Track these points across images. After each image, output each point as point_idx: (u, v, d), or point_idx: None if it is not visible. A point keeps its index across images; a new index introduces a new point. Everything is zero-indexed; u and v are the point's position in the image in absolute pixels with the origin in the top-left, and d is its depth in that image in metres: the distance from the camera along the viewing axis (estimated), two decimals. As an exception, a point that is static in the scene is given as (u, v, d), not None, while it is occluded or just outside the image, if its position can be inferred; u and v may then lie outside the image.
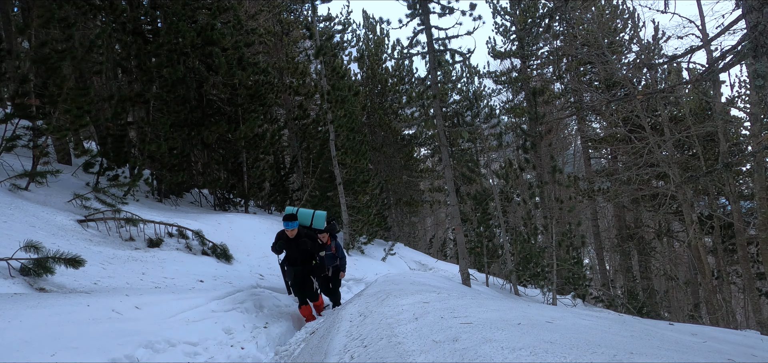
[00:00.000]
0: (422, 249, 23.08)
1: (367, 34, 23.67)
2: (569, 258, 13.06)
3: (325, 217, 6.38)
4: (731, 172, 12.11)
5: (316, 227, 6.29)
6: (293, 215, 5.69)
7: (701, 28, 11.32)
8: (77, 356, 2.89)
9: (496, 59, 20.98)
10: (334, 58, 16.29)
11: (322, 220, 6.34)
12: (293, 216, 5.68)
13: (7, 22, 8.21)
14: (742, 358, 2.18)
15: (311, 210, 6.41)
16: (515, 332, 2.02)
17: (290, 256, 5.83)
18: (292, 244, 5.76)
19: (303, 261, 5.83)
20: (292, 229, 5.65)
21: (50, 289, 4.30)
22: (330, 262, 6.76)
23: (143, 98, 9.56)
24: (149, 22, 10.78)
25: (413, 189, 24.71)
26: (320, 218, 6.34)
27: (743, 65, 10.13)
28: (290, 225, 5.65)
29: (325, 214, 6.40)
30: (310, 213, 6.34)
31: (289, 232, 5.67)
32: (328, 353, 2.53)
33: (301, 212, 6.23)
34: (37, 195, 6.82)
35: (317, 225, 6.30)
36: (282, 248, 5.81)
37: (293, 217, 5.67)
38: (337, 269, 6.86)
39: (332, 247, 6.74)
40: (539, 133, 14.28)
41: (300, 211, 6.24)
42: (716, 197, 14.63)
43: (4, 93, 7.87)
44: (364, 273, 10.77)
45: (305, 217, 6.29)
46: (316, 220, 6.32)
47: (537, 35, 19.37)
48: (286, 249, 5.80)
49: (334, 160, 13.83)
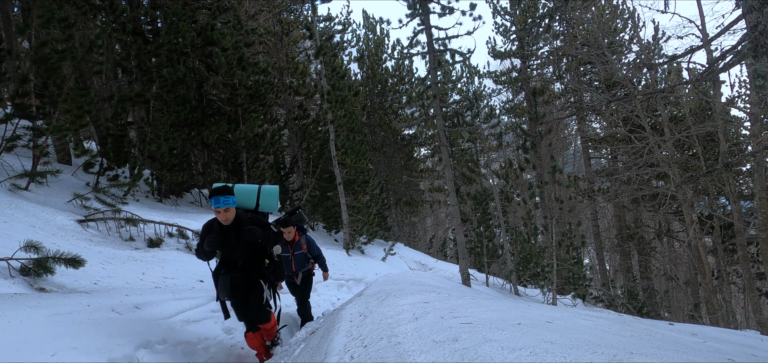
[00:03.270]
0: (422, 249, 23.09)
1: (367, 34, 23.68)
2: (569, 258, 13.06)
3: (278, 195, 4.24)
4: (731, 172, 12.10)
5: (265, 211, 4.24)
6: (226, 188, 3.67)
7: (701, 28, 11.32)
8: (77, 356, 2.88)
9: (496, 59, 20.99)
10: (334, 58, 16.30)
11: (273, 198, 4.18)
12: (226, 189, 3.67)
13: (7, 22, 8.21)
14: (742, 358, 2.18)
15: (255, 185, 4.21)
16: (515, 332, 2.02)
17: (227, 257, 3.87)
18: (229, 237, 3.74)
19: (248, 262, 3.88)
20: (226, 209, 3.64)
21: (50, 289, 4.30)
22: (301, 265, 5.34)
23: (143, 98, 9.57)
24: (149, 22, 10.78)
25: (413, 189, 24.71)
26: (270, 196, 4.17)
27: (743, 65, 10.13)
28: (223, 201, 3.61)
29: (278, 191, 4.25)
30: (253, 189, 4.15)
31: (222, 215, 3.65)
32: (329, 353, 2.53)
33: (240, 189, 4.11)
34: (37, 195, 6.82)
35: (267, 207, 4.19)
36: (214, 247, 3.73)
37: (226, 191, 3.65)
38: (309, 275, 5.46)
39: (302, 244, 5.31)
40: (539, 133, 14.29)
41: (238, 187, 4.09)
42: (716, 197, 14.62)
43: (4, 93, 7.87)
44: (364, 273, 10.77)
45: (246, 195, 4.11)
46: (265, 198, 4.16)
47: (537, 35, 19.37)
48: (220, 247, 3.76)
49: (334, 160, 13.83)
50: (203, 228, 3.88)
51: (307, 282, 5.44)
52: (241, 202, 4.03)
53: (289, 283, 5.46)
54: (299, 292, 5.40)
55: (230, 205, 3.66)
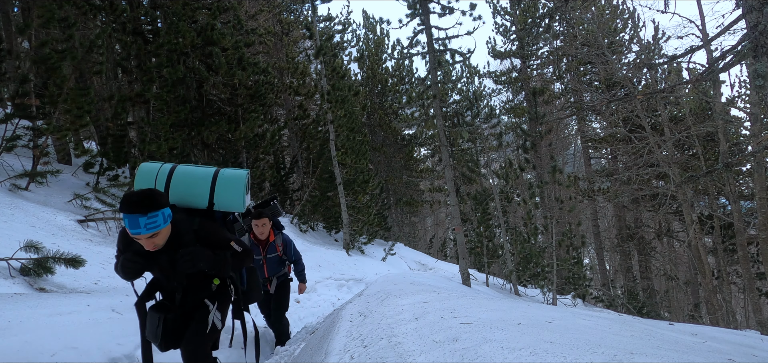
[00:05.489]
0: (422, 249, 23.08)
1: (367, 34, 23.69)
2: (569, 258, 13.06)
3: (245, 185, 2.68)
4: (731, 172, 12.11)
5: (225, 211, 2.73)
6: (150, 198, 2.23)
7: (701, 28, 11.32)
8: (77, 356, 2.89)
9: (496, 59, 21.01)
10: (334, 58, 16.31)
11: (237, 192, 2.64)
12: (150, 200, 2.22)
13: (7, 22, 8.21)
14: (742, 358, 2.18)
15: (208, 170, 2.69)
16: (515, 332, 2.02)
17: (158, 285, 2.67)
18: (160, 260, 2.45)
19: (187, 297, 2.61)
20: (154, 236, 2.26)
21: (50, 289, 4.30)
22: (275, 270, 4.36)
23: (143, 98, 9.57)
24: (149, 22, 10.79)
25: (413, 189, 24.72)
26: (231, 188, 2.64)
27: (743, 65, 10.13)
28: (147, 225, 2.20)
29: (245, 179, 2.68)
30: (203, 178, 2.64)
31: (146, 242, 2.27)
32: (329, 353, 2.53)
33: (180, 177, 2.62)
34: (37, 195, 6.82)
35: (227, 205, 2.66)
36: (137, 272, 2.42)
37: (150, 204, 2.21)
38: (286, 282, 4.48)
39: (277, 245, 4.30)
40: (539, 133, 14.28)
41: (178, 174, 2.62)
42: (716, 197, 14.62)
43: (4, 93, 7.88)
44: (364, 273, 10.77)
45: (191, 188, 2.61)
46: (224, 193, 2.63)
47: (537, 35, 19.39)
48: (150, 268, 2.51)
49: (334, 160, 13.83)
50: (120, 236, 2.48)
51: (284, 291, 4.48)
52: (181, 201, 2.59)
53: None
54: (273, 302, 4.45)
55: (160, 226, 2.23)
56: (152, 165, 2.71)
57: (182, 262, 2.36)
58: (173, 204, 2.56)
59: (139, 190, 2.29)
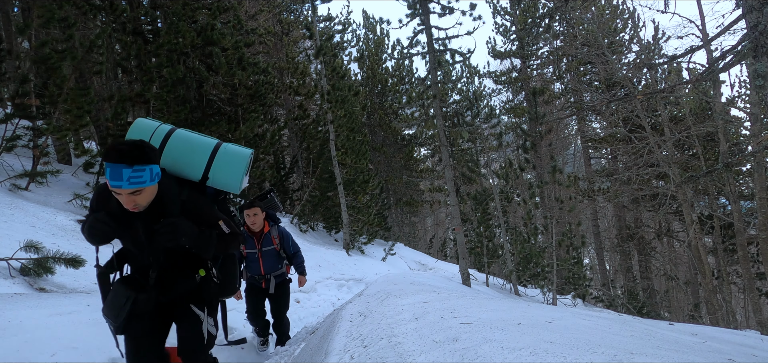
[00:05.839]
0: (422, 249, 23.08)
1: (367, 34, 23.70)
2: (569, 258, 13.06)
3: (246, 165, 2.42)
4: (731, 172, 12.11)
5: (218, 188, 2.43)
6: (140, 149, 1.93)
7: (701, 28, 11.32)
8: (77, 356, 2.89)
9: (496, 59, 21.01)
10: (334, 58, 16.31)
11: (236, 170, 2.39)
12: (138, 152, 1.93)
13: (7, 22, 8.21)
14: (742, 358, 2.18)
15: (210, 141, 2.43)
16: (515, 332, 2.02)
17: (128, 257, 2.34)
18: (136, 228, 2.15)
19: (166, 276, 2.28)
20: (134, 192, 1.94)
21: (50, 289, 4.30)
22: (272, 267, 4.10)
23: (143, 98, 9.57)
24: (149, 22, 10.79)
25: (413, 189, 24.72)
26: (232, 166, 2.38)
27: (743, 65, 10.12)
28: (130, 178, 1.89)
29: (247, 159, 2.43)
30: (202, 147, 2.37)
31: (126, 199, 1.95)
32: (329, 353, 2.53)
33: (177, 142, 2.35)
34: (37, 195, 6.82)
35: (223, 184, 2.40)
36: (104, 237, 2.11)
37: (137, 156, 1.92)
38: (284, 282, 4.27)
39: (273, 237, 4.06)
40: (539, 133, 14.29)
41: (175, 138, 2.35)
42: (716, 197, 14.63)
43: (4, 93, 7.88)
44: (364, 273, 10.77)
45: (187, 155, 2.34)
46: (222, 169, 2.37)
47: (537, 35, 19.39)
48: (121, 236, 2.21)
49: (334, 160, 13.83)
50: (95, 194, 2.19)
51: (283, 291, 4.24)
52: (173, 167, 2.29)
53: (255, 289, 4.22)
54: (273, 302, 4.23)
55: (145, 183, 1.93)
56: (150, 122, 2.44)
57: (162, 233, 2.02)
58: (163, 168, 2.24)
59: (129, 139, 2.05)
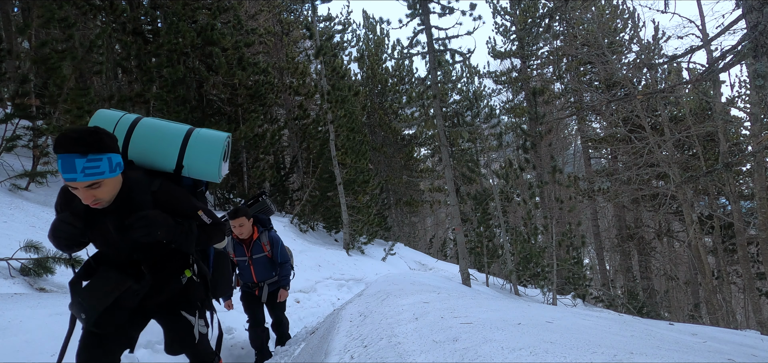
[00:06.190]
0: (422, 249, 23.09)
1: (367, 34, 23.71)
2: (569, 258, 13.06)
3: (222, 150, 2.15)
4: (731, 172, 12.11)
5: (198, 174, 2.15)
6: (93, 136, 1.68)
7: (701, 28, 11.33)
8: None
9: (496, 59, 21.01)
10: (334, 58, 16.32)
11: (212, 156, 2.13)
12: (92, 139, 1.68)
13: (7, 22, 8.21)
14: (742, 358, 2.18)
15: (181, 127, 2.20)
16: (515, 332, 2.02)
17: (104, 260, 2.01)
18: (105, 224, 1.89)
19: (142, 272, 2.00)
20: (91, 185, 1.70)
21: (50, 289, 4.31)
22: (265, 274, 4.00)
23: (143, 98, 9.57)
24: (149, 22, 10.80)
25: (413, 189, 24.73)
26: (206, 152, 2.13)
27: (743, 65, 10.13)
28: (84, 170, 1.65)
29: (223, 144, 2.17)
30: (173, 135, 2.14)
31: (83, 193, 1.71)
32: (329, 353, 2.53)
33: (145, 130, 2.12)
34: (37, 195, 6.83)
35: (199, 172, 2.15)
36: (72, 240, 1.80)
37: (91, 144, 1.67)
38: (278, 288, 4.16)
39: (263, 244, 3.94)
40: (539, 133, 14.29)
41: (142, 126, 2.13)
42: (716, 197, 14.63)
43: (4, 93, 7.88)
44: (364, 273, 10.77)
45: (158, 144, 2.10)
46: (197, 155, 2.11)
47: (537, 35, 19.39)
48: (91, 237, 1.93)
49: (334, 160, 13.84)
50: (59, 193, 1.94)
51: (277, 297, 4.14)
52: (142, 158, 2.10)
53: (250, 297, 4.11)
54: (269, 307, 4.21)
55: (103, 174, 1.72)
56: (112, 112, 2.15)
57: (136, 228, 1.81)
58: (131, 160, 2.07)
59: (79, 126, 1.72)
